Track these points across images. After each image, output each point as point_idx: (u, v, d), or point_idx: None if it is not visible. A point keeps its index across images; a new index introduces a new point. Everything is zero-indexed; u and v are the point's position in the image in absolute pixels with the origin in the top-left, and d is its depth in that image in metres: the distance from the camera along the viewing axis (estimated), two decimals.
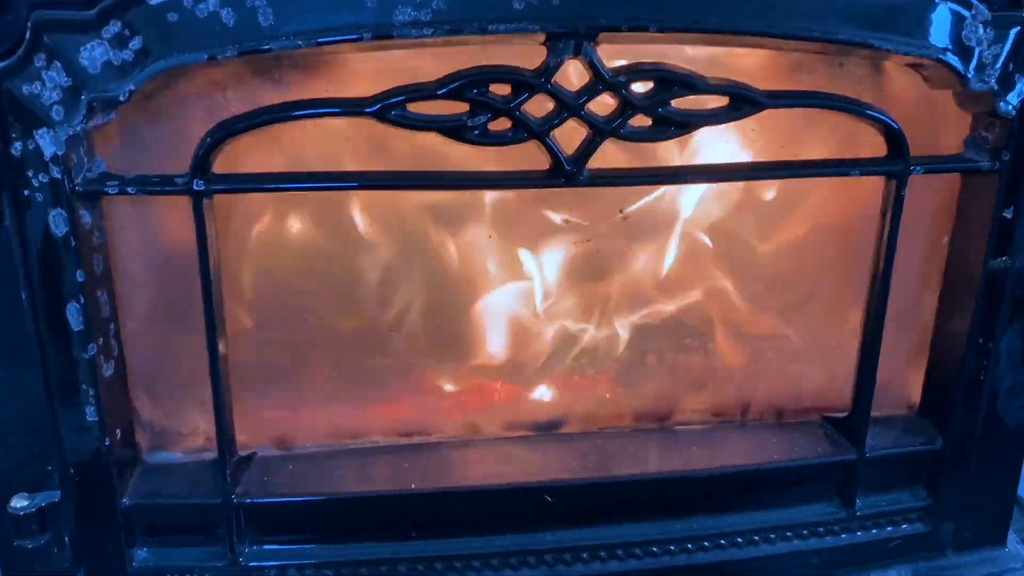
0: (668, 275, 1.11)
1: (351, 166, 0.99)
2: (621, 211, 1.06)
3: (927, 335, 1.14)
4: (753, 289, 1.13)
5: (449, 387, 1.11)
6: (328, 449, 1.09)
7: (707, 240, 1.11)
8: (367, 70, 0.94)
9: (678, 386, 1.15)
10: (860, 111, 0.97)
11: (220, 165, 0.91)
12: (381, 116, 0.88)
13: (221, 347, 0.97)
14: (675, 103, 0.93)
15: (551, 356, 1.12)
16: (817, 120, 1.04)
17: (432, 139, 0.91)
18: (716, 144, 1.04)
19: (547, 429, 1.14)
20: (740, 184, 1.08)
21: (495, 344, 1.11)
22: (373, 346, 1.08)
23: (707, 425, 1.16)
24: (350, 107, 0.89)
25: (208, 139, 0.88)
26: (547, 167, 0.94)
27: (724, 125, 0.97)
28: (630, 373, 1.14)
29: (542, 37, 0.88)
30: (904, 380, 1.17)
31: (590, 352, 1.13)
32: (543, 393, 1.13)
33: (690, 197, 1.08)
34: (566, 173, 0.93)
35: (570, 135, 0.93)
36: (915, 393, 1.18)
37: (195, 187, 0.89)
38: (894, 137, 0.99)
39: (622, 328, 1.12)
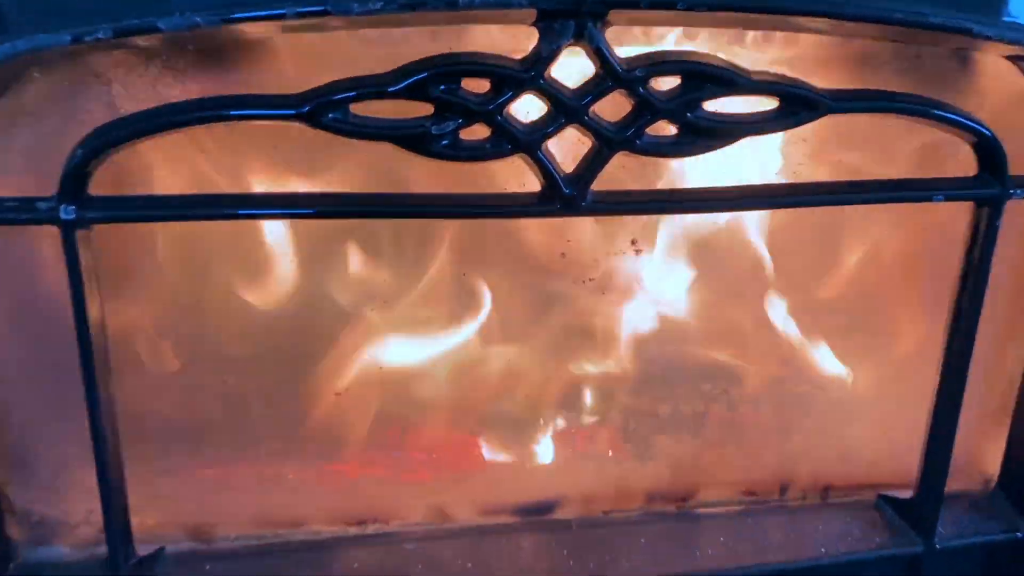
0: (689, 318, 0.90)
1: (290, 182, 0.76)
2: (633, 243, 0.83)
3: (1011, 394, 0.94)
4: (794, 335, 0.92)
5: (411, 459, 0.89)
6: (257, 543, 0.87)
7: (734, 276, 0.89)
8: (300, 59, 0.71)
9: (701, 457, 0.94)
10: (948, 118, 0.75)
11: (109, 182, 0.69)
12: (314, 120, 0.66)
13: (107, 413, 0.74)
14: (707, 106, 0.70)
15: (542, 420, 0.91)
16: (885, 123, 0.82)
17: (387, 149, 0.68)
18: (747, 153, 0.81)
19: (536, 513, 0.92)
20: None
21: (469, 406, 0.89)
22: (316, 408, 0.86)
23: (737, 507, 0.95)
24: (272, 108, 0.66)
25: (80, 152, 0.65)
26: (538, 189, 0.71)
27: None
28: (641, 440, 0.93)
29: (533, 15, 0.65)
30: (980, 449, 0.97)
31: (591, 414, 0.91)
32: (532, 466, 0.91)
33: (713, 220, 0.86)
34: (564, 197, 0.71)
35: (568, 147, 0.71)
36: (992, 465, 0.98)
37: (63, 215, 0.66)
38: (989, 152, 0.77)
39: (631, 385, 0.91)
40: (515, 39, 0.69)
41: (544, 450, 0.91)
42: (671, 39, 0.73)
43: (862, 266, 0.90)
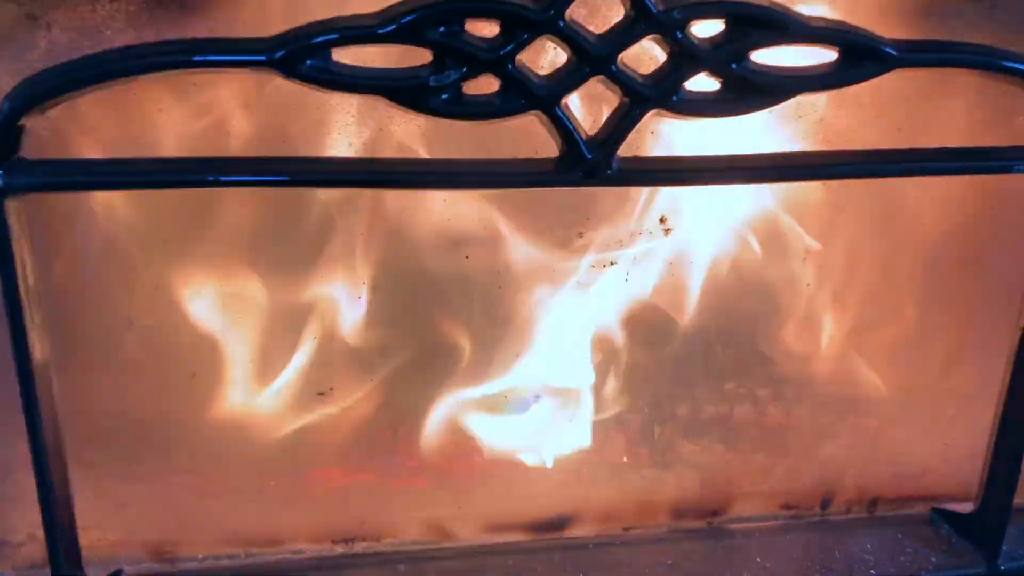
0: (720, 307, 0.80)
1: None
2: (663, 220, 0.72)
3: None
4: (837, 326, 0.83)
5: (406, 466, 0.79)
6: (229, 563, 0.77)
7: (770, 258, 0.78)
8: (279, 6, 0.61)
9: (734, 466, 0.84)
10: None
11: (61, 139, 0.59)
12: (289, 68, 0.55)
13: (48, 415, 0.63)
14: (755, 56, 0.59)
15: (555, 421, 0.81)
16: (950, 84, 0.72)
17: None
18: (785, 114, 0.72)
19: (548, 530, 0.82)
20: None
21: (474, 402, 0.79)
22: (297, 406, 0.75)
23: (775, 522, 0.86)
24: (239, 54, 0.55)
25: (7, 105, 0.55)
26: (556, 154, 0.61)
27: None
28: (667, 447, 0.83)
29: None
30: None
31: (610, 417, 0.81)
32: (543, 476, 0.81)
33: (754, 198, 0.76)
34: (587, 164, 0.60)
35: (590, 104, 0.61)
36: None
37: None
38: None
39: (654, 382, 0.81)
40: None
41: (557, 458, 0.81)
42: None
43: (915, 246, 0.81)
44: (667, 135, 0.70)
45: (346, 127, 0.67)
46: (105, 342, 0.72)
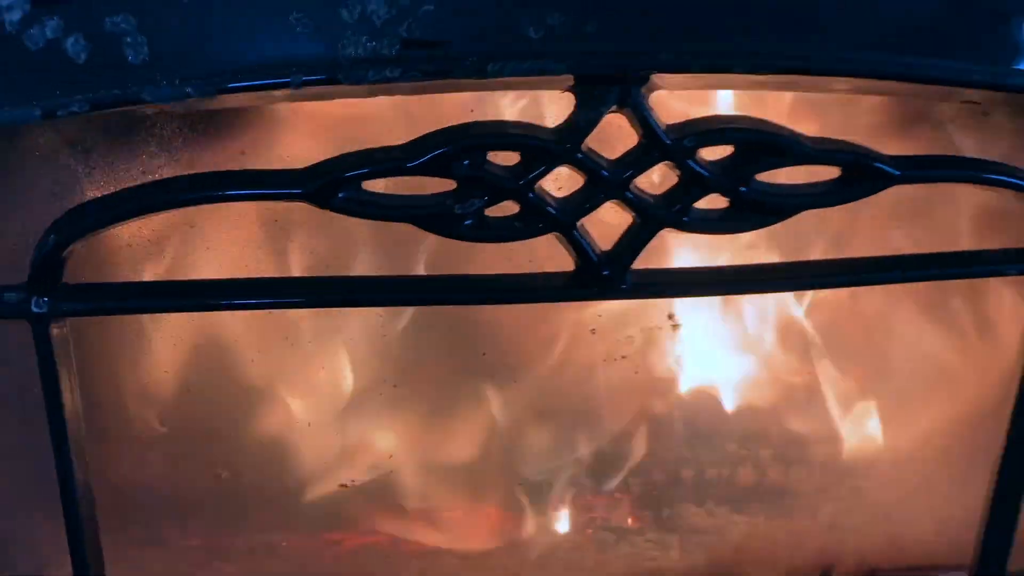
0: (723, 383, 0.82)
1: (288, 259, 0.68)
2: (671, 317, 0.75)
3: None
4: (836, 396, 0.85)
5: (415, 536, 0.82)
6: None
7: (775, 335, 0.81)
8: (304, 123, 0.64)
9: (735, 538, 0.86)
10: None
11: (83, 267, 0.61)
12: (322, 200, 0.58)
13: (83, 505, 0.66)
14: (761, 177, 0.62)
15: (558, 503, 0.83)
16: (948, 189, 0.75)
17: None
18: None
19: None
20: None
21: (483, 485, 0.82)
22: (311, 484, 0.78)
23: None
24: (274, 187, 0.58)
25: (52, 238, 0.57)
26: (572, 268, 0.63)
27: None
28: (669, 522, 0.85)
29: (570, 81, 0.57)
30: None
31: (614, 497, 0.84)
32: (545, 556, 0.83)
33: None
34: (601, 279, 0.63)
35: (605, 221, 0.63)
36: None
37: (35, 308, 0.58)
38: None
39: (658, 463, 0.83)
40: (548, 102, 0.62)
41: (564, 530, 0.84)
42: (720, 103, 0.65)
43: (912, 323, 0.83)
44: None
45: None
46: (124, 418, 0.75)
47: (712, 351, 0.79)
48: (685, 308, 0.77)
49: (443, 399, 0.77)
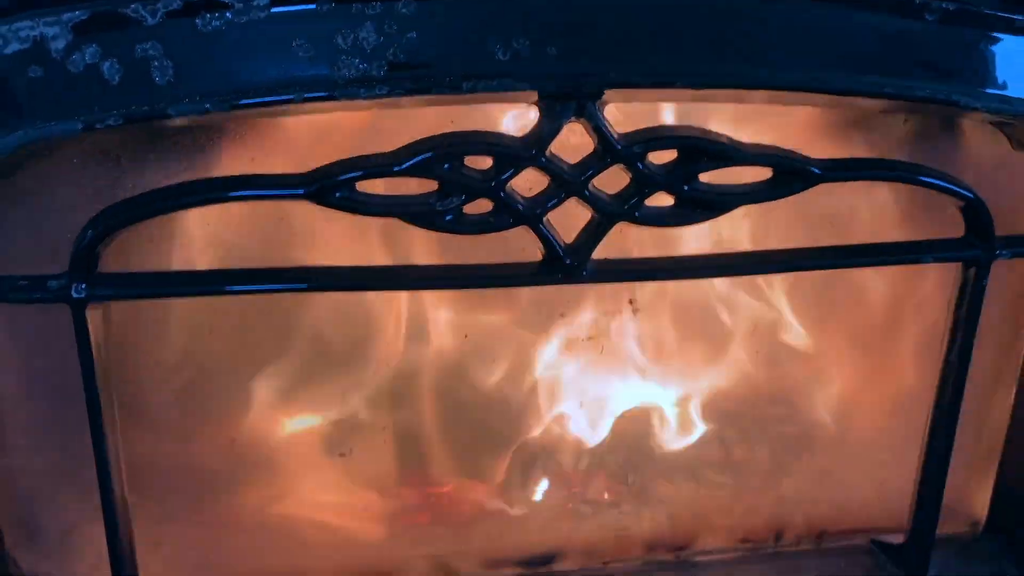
0: (683, 365, 0.91)
1: (292, 251, 0.77)
2: (631, 302, 0.84)
3: (998, 440, 0.96)
4: (788, 381, 0.94)
5: (413, 513, 0.90)
6: None
7: (729, 321, 0.90)
8: (305, 131, 0.73)
9: (698, 505, 0.95)
10: (936, 184, 0.77)
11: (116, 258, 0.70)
12: (321, 198, 0.67)
13: (116, 481, 0.75)
14: (703, 177, 0.72)
15: (542, 471, 0.92)
16: (874, 186, 0.84)
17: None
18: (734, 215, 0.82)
19: (538, 565, 0.93)
20: None
21: (469, 458, 0.90)
22: (318, 465, 0.86)
23: (735, 554, 0.96)
24: (279, 188, 0.67)
25: (90, 232, 0.67)
26: (539, 258, 0.73)
27: None
28: (639, 491, 0.94)
29: (534, 96, 0.66)
30: (968, 493, 0.99)
31: (590, 466, 0.93)
32: (533, 519, 0.92)
33: None
34: (564, 267, 0.72)
35: (568, 215, 0.73)
36: (980, 508, 0.99)
37: (74, 293, 0.67)
38: (975, 215, 0.79)
39: (627, 436, 0.92)
40: (515, 113, 0.71)
41: (544, 502, 0.92)
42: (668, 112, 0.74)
43: (856, 314, 0.92)
44: None
45: None
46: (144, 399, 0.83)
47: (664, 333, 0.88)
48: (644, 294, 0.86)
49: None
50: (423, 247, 0.78)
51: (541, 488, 0.92)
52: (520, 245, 0.75)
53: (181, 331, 0.80)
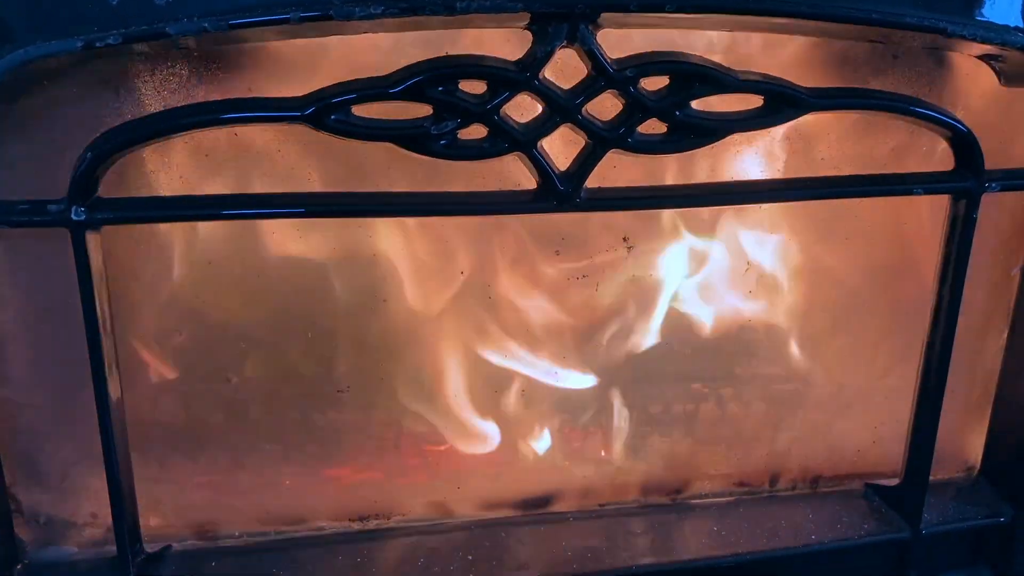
0: (678, 313, 0.91)
1: (287, 182, 0.78)
2: (625, 240, 0.85)
3: (990, 385, 0.97)
4: (781, 328, 0.94)
5: (410, 456, 0.90)
6: (261, 539, 0.88)
7: (726, 268, 0.90)
8: (304, 64, 0.73)
9: (694, 449, 0.95)
10: (925, 114, 0.78)
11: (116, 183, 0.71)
12: (317, 121, 0.68)
13: (116, 414, 0.75)
14: (695, 104, 0.73)
15: (538, 414, 0.92)
16: (866, 123, 0.85)
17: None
18: (736, 149, 0.84)
19: (535, 507, 0.93)
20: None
21: (467, 401, 0.90)
22: (317, 407, 0.87)
23: (730, 498, 0.96)
24: (276, 111, 0.68)
25: (89, 155, 0.67)
26: (534, 186, 0.74)
27: None
28: (635, 434, 0.94)
29: (527, 18, 0.67)
30: (962, 438, 1.00)
31: (586, 409, 0.93)
32: (529, 461, 0.92)
33: (702, 215, 0.88)
34: (559, 194, 0.73)
35: (563, 145, 0.74)
36: (974, 453, 1.00)
37: (74, 216, 0.68)
38: (965, 147, 0.80)
39: (624, 379, 0.92)
40: (510, 41, 0.72)
41: (542, 447, 0.93)
42: (660, 39, 0.75)
43: (848, 262, 0.92)
44: None
45: None
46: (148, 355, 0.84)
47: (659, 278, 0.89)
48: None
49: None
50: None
51: (539, 431, 0.92)
52: (515, 181, 0.76)
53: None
